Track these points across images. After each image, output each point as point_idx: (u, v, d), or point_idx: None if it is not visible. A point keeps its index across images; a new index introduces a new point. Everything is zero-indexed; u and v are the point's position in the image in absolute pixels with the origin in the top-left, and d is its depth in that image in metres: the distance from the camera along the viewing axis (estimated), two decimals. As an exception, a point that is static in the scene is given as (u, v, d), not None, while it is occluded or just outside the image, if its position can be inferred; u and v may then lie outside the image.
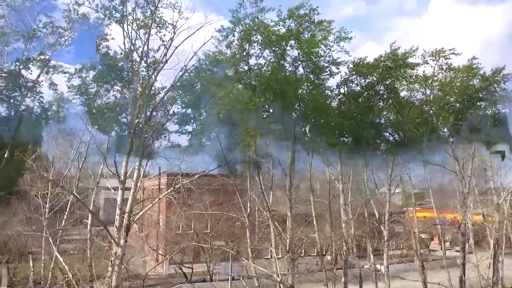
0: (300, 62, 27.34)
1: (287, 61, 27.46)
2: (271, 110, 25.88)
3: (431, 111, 30.45)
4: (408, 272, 41.92)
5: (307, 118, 26.87)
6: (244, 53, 26.14)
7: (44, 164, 28.63)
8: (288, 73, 27.44)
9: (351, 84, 28.95)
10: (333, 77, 28.50)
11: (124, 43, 21.45)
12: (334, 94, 28.68)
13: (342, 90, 29.11)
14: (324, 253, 31.16)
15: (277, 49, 25.02)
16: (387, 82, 30.30)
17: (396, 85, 30.90)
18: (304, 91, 27.24)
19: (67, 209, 29.17)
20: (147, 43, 21.15)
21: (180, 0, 21.78)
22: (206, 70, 26.18)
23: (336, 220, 33.03)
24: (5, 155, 23.80)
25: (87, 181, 33.14)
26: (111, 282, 18.72)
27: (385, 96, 30.33)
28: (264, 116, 25.62)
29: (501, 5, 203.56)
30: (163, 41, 21.43)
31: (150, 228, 53.74)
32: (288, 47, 26.44)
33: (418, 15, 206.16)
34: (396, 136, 31.61)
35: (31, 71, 24.50)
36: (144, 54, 21.23)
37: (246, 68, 26.38)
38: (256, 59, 26.10)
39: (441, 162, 33.13)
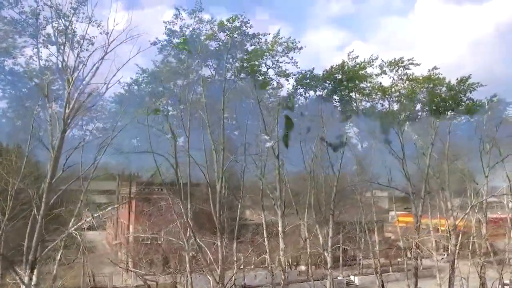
0: (245, 75, 25.79)
1: (232, 73, 25.99)
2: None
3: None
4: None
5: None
6: (183, 66, 24.67)
7: None
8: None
9: (299, 97, 27.34)
10: (281, 90, 26.93)
11: (38, 58, 20.19)
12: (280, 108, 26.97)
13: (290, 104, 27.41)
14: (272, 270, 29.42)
15: (211, 62, 23.51)
16: (344, 94, 28.77)
17: (353, 97, 29.37)
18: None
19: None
20: (62, 59, 19.73)
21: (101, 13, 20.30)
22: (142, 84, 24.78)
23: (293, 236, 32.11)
24: None
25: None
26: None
27: (339, 109, 28.69)
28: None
29: (486, 3, 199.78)
30: (79, 57, 20.05)
31: (121, 238, 52.66)
32: (231, 59, 25.00)
33: (404, 14, 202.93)
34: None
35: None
36: (60, 70, 19.83)
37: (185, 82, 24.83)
38: (195, 73, 24.52)
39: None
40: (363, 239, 44.75)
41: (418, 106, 32.06)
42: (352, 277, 46.27)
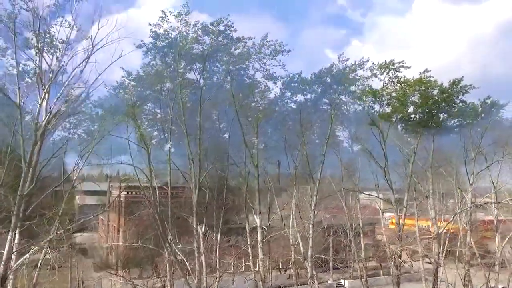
0: (230, 78, 25.17)
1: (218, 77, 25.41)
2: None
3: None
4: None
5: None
6: (169, 69, 24.10)
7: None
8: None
9: (287, 101, 26.79)
10: (270, 93, 26.41)
11: (17, 64, 19.60)
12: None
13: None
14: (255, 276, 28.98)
15: (196, 66, 22.92)
16: (334, 97, 28.24)
17: (343, 100, 28.84)
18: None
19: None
20: (40, 65, 19.07)
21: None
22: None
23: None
24: None
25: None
26: None
27: (329, 111, 28.12)
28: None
29: (485, 3, 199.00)
30: (58, 61, 19.42)
31: (110, 241, 51.99)
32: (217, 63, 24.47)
33: (402, 14, 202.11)
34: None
35: None
36: (37, 75, 19.15)
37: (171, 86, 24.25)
38: (179, 77, 23.88)
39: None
40: (352, 243, 44.43)
41: (411, 109, 31.59)
42: (342, 281, 45.67)
